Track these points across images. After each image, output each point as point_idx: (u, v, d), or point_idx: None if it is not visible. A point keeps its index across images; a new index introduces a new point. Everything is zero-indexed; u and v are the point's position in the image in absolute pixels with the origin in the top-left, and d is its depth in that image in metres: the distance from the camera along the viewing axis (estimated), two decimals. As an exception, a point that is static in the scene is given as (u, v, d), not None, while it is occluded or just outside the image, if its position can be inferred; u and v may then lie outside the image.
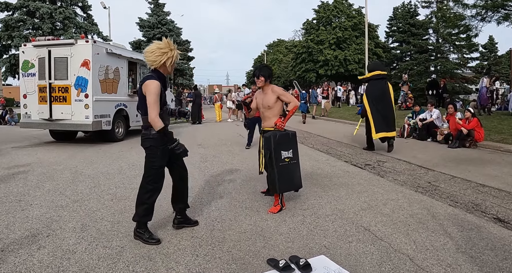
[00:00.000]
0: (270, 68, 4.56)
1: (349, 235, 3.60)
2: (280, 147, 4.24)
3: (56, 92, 9.77)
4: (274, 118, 4.35)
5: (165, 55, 3.38)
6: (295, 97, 9.88)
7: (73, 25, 25.53)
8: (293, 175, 4.34)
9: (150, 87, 3.28)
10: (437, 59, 34.51)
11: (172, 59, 3.44)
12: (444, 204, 4.53)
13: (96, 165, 7.17)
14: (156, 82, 3.29)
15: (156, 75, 3.41)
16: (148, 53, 3.40)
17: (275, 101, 4.34)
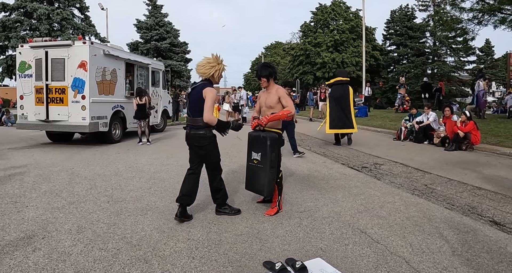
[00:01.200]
0: (272, 66, 4.47)
1: (346, 237, 3.60)
2: (251, 147, 4.33)
3: (53, 93, 9.74)
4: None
5: (213, 68, 4.01)
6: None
7: (71, 26, 25.52)
8: (256, 178, 4.28)
9: (211, 93, 3.92)
10: (434, 62, 34.69)
11: (219, 72, 4.07)
12: (441, 207, 4.55)
13: (92, 167, 7.15)
14: (214, 90, 3.98)
15: (211, 83, 4.08)
16: (199, 67, 4.04)
17: (277, 101, 4.30)
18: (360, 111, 19.58)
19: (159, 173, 6.59)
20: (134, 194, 5.18)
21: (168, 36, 35.42)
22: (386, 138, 11.79)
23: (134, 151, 9.37)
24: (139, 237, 3.62)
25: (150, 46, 34.68)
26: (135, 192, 5.31)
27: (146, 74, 13.03)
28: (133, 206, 4.64)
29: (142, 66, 12.72)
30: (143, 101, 10.43)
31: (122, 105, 11.16)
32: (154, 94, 13.48)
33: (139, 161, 7.84)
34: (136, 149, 9.75)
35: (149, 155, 8.58)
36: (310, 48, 38.37)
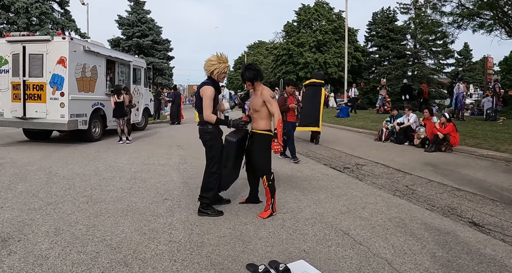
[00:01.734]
0: (255, 68, 4.31)
1: (329, 239, 3.61)
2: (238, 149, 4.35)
3: (31, 89, 9.47)
4: (262, 121, 4.23)
5: (213, 66, 4.10)
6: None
7: (50, 20, 24.94)
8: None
9: (207, 92, 4.06)
10: (414, 64, 35.34)
11: (219, 70, 4.12)
12: (421, 208, 4.61)
13: (71, 166, 6.98)
14: (211, 88, 4.07)
15: (211, 81, 4.16)
16: (205, 64, 4.19)
17: (261, 104, 4.18)
18: (342, 112, 19.76)
19: (140, 173, 6.47)
20: (114, 195, 5.07)
21: (150, 33, 35.02)
22: (367, 139, 11.92)
23: (114, 150, 9.19)
24: (119, 239, 3.54)
25: (132, 43, 34.21)
26: (115, 192, 5.20)
27: (127, 72, 12.82)
28: (113, 207, 4.54)
29: (123, 63, 12.50)
30: (121, 99, 10.24)
31: (102, 103, 10.94)
32: (136, 92, 13.28)
33: (119, 160, 7.69)
34: (117, 147, 9.57)
35: (129, 154, 8.44)
36: (293, 48, 38.52)
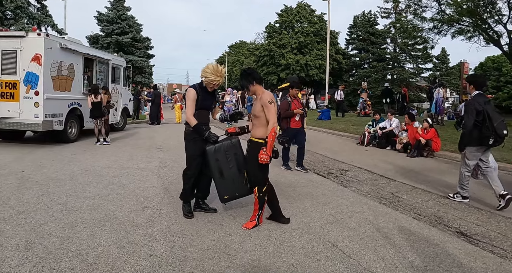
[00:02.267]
0: (247, 73, 4.10)
1: (317, 252, 3.48)
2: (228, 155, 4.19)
3: (3, 88, 9.04)
4: (260, 128, 3.96)
5: (205, 74, 4.14)
6: None
7: (25, 15, 24.10)
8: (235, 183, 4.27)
9: (188, 94, 4.20)
10: (394, 68, 35.84)
11: (208, 81, 4.14)
12: (409, 217, 4.54)
13: (45, 170, 6.65)
14: (192, 90, 4.17)
15: (199, 85, 4.25)
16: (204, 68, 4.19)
17: (260, 109, 3.93)
18: (323, 114, 19.77)
19: (118, 178, 6.22)
20: (90, 202, 4.81)
21: (130, 30, 34.37)
22: (349, 143, 11.91)
23: (91, 151, 8.86)
24: (95, 253, 3.32)
25: (111, 40, 33.50)
26: (91, 199, 4.94)
27: (106, 70, 12.43)
28: (89, 216, 4.30)
29: (101, 62, 12.11)
30: (98, 99, 9.90)
31: (79, 102, 10.55)
32: (114, 91, 12.89)
33: (96, 163, 7.39)
34: (94, 149, 9.23)
35: (107, 157, 8.13)
36: (274, 49, 38.47)
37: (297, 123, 7.23)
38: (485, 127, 4.86)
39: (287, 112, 7.07)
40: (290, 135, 7.14)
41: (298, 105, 7.28)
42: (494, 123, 4.85)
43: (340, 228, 4.11)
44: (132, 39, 34.27)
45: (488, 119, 4.85)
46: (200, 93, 4.18)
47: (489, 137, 4.86)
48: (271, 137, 3.81)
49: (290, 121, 7.16)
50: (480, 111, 4.89)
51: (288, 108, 7.10)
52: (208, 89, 4.24)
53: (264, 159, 3.80)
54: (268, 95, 3.97)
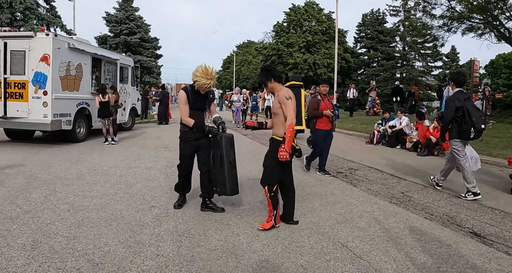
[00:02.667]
0: (265, 69, 4.01)
1: (327, 252, 3.40)
2: (229, 149, 4.18)
3: (12, 88, 9.09)
4: (278, 126, 3.86)
5: (195, 78, 4.14)
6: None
7: (35, 16, 24.25)
8: (236, 178, 4.32)
9: (179, 96, 4.31)
10: (403, 66, 35.46)
11: (198, 84, 4.15)
12: (420, 217, 4.44)
13: (53, 169, 6.65)
14: (183, 93, 4.26)
15: (191, 86, 4.31)
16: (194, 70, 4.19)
17: (278, 106, 3.83)
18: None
19: (125, 177, 6.19)
20: (97, 202, 4.79)
21: (138, 30, 34.44)
22: (358, 142, 11.79)
23: (99, 151, 8.87)
24: (102, 253, 3.28)
25: (119, 40, 33.62)
26: (98, 199, 4.92)
27: (114, 70, 12.46)
28: (96, 215, 4.27)
29: (110, 62, 12.14)
30: (106, 99, 9.92)
31: (87, 102, 10.58)
32: (122, 91, 12.92)
33: (104, 163, 7.38)
34: (102, 149, 9.24)
35: (115, 156, 8.13)
36: (282, 48, 38.31)
37: (326, 124, 6.58)
38: (464, 122, 5.16)
39: (315, 112, 6.54)
40: (318, 137, 6.67)
41: (329, 104, 6.63)
42: (473, 118, 5.12)
43: (350, 228, 4.02)
44: (140, 39, 34.36)
45: (468, 115, 5.13)
46: (191, 95, 4.25)
47: (469, 131, 5.16)
48: (288, 133, 3.66)
49: (317, 121, 6.59)
50: (459, 107, 5.17)
51: (317, 107, 6.54)
52: (200, 92, 4.29)
53: (284, 156, 3.65)
54: (285, 91, 3.87)
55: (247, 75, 52.21)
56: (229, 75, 62.03)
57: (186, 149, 4.42)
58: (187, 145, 4.39)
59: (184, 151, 4.45)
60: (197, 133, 4.31)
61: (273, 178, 3.93)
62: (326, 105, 6.56)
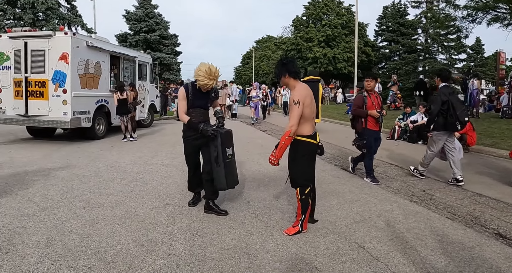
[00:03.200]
0: (284, 63, 3.67)
1: (342, 253, 3.29)
2: (224, 145, 4.10)
3: (33, 86, 9.25)
4: (300, 125, 3.56)
5: (198, 77, 4.02)
6: None
7: (56, 16, 24.75)
8: (235, 170, 4.32)
9: (179, 93, 4.25)
10: (425, 59, 34.66)
11: (200, 84, 4.04)
12: (442, 217, 4.26)
13: (71, 166, 6.73)
14: (182, 90, 4.20)
15: (192, 83, 4.20)
16: (198, 66, 4.06)
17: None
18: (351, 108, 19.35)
19: (142, 174, 6.21)
20: (113, 199, 4.80)
21: (158, 28, 34.71)
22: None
23: (117, 148, 8.95)
24: (114, 252, 3.26)
25: (139, 38, 33.96)
26: (114, 196, 4.93)
27: (132, 67, 12.55)
28: (111, 213, 4.27)
29: (128, 59, 12.23)
30: (124, 96, 9.99)
31: (106, 100, 10.69)
32: (141, 88, 13.01)
33: (121, 160, 7.43)
34: (120, 146, 9.33)
35: (133, 153, 8.18)
36: (301, 42, 37.97)
37: (373, 124, 5.74)
38: (449, 115, 5.47)
39: (358, 110, 5.71)
40: (369, 138, 5.74)
41: (376, 103, 5.71)
42: (457, 112, 5.45)
43: (368, 228, 3.89)
44: (159, 36, 34.62)
45: (452, 108, 5.44)
46: (191, 93, 4.15)
47: (454, 123, 5.49)
48: (283, 140, 3.48)
49: (367, 120, 5.72)
50: (445, 101, 5.49)
51: (363, 105, 5.68)
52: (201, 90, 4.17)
53: (272, 161, 3.55)
54: (298, 93, 3.54)
55: (267, 70, 52.00)
56: (248, 71, 61.93)
57: (187, 148, 4.37)
58: (188, 144, 4.34)
59: (186, 150, 4.41)
60: (196, 132, 4.16)
61: (303, 179, 3.69)
62: (373, 103, 5.68)
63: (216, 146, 4.09)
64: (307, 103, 3.53)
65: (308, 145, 3.63)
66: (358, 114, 5.75)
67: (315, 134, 3.73)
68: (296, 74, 3.64)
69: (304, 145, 3.63)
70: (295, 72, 3.64)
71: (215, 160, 4.10)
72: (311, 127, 3.66)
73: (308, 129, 3.62)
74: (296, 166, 3.69)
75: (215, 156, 4.10)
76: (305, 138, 3.62)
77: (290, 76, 3.64)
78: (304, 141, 3.62)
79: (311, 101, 3.62)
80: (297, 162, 3.66)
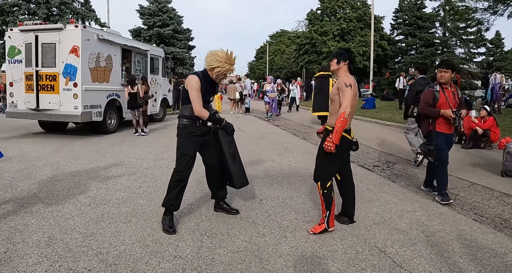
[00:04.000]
0: (349, 51, 3.72)
1: (362, 258, 3.03)
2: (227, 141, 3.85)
3: (44, 80, 9.16)
4: (333, 115, 3.48)
5: (216, 63, 3.50)
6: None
7: (70, 10, 24.82)
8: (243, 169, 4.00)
9: (191, 82, 3.49)
10: (443, 53, 33.79)
11: (221, 70, 3.53)
12: (468, 219, 3.96)
13: (81, 161, 6.59)
14: (196, 78, 3.50)
15: (203, 73, 3.61)
16: (208, 54, 3.58)
17: (336, 93, 3.47)
18: (367, 103, 18.93)
19: (151, 170, 6.02)
20: (120, 195, 4.62)
21: (171, 22, 34.57)
22: (396, 133, 11.14)
23: (128, 142, 8.80)
24: (117, 253, 3.07)
25: (152, 33, 33.88)
26: (121, 192, 4.75)
27: (144, 61, 12.39)
28: (117, 210, 4.09)
29: (140, 53, 12.07)
30: (134, 90, 9.84)
31: (117, 94, 10.56)
32: (153, 82, 12.86)
33: (132, 154, 7.27)
34: (131, 140, 9.18)
35: (143, 148, 8.02)
36: (316, 36, 37.44)
37: (447, 125, 4.53)
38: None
39: (427, 109, 4.55)
40: (441, 143, 4.50)
41: (452, 99, 4.50)
42: None
43: (389, 230, 3.62)
44: (173, 31, 34.48)
45: None
46: (203, 84, 3.54)
47: None
48: (339, 122, 3.26)
49: (436, 120, 4.54)
50: (418, 91, 5.81)
51: (432, 103, 4.52)
52: (214, 80, 3.66)
53: (328, 147, 3.29)
54: (347, 77, 3.45)
55: (280, 64, 51.56)
56: (262, 65, 61.55)
57: (188, 148, 3.58)
58: (190, 142, 3.58)
59: (184, 149, 3.58)
60: (203, 127, 3.68)
61: (326, 173, 3.54)
62: (447, 100, 4.49)
63: (231, 141, 3.86)
64: (355, 92, 3.41)
65: (341, 138, 3.38)
66: (428, 114, 4.58)
67: (350, 129, 3.56)
68: (353, 65, 3.63)
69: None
70: (353, 63, 3.66)
71: (231, 157, 3.83)
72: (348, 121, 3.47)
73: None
74: (323, 157, 3.52)
75: (232, 152, 3.84)
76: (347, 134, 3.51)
77: (349, 65, 3.58)
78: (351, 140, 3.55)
79: (355, 95, 3.44)
80: (325, 153, 3.44)
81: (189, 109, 3.56)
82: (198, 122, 3.61)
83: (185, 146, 3.59)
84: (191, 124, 3.59)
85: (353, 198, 3.84)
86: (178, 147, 3.62)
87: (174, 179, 3.62)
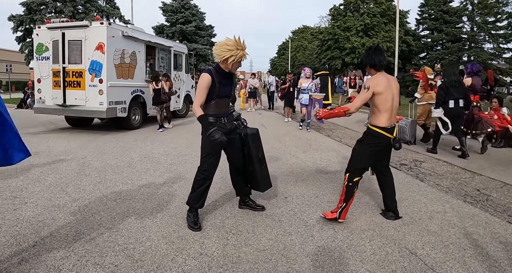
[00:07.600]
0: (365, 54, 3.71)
1: (392, 260, 2.93)
2: (256, 145, 3.84)
3: (70, 76, 9.32)
4: (375, 114, 3.57)
5: (229, 52, 3.38)
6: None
7: (95, 8, 25.27)
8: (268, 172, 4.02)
9: (200, 79, 3.42)
10: (470, 49, 32.76)
11: (235, 58, 3.41)
12: (503, 221, 3.79)
13: (106, 156, 6.68)
14: (206, 75, 3.39)
15: (215, 68, 3.50)
16: (215, 46, 3.48)
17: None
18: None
19: (175, 166, 6.05)
20: (145, 191, 4.65)
21: (193, 19, 34.78)
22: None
23: (152, 138, 8.88)
24: (143, 248, 3.07)
25: (175, 29, 34.17)
26: (146, 188, 4.78)
27: (168, 57, 12.47)
28: (142, 206, 4.11)
29: (163, 49, 12.15)
30: (159, 86, 9.91)
31: (142, 90, 10.66)
32: (176, 78, 12.94)
33: (156, 150, 7.32)
34: (155, 136, 9.26)
35: (167, 144, 8.07)
36: (339, 32, 36.87)
37: None
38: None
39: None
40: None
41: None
42: None
43: (419, 231, 3.50)
44: (195, 27, 34.69)
45: None
46: (217, 79, 3.40)
47: None
48: (337, 109, 3.62)
49: None
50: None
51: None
52: (231, 71, 3.52)
53: (316, 113, 3.72)
54: (371, 80, 3.55)
55: (303, 61, 51.12)
56: (284, 62, 61.21)
57: (213, 146, 3.43)
58: (210, 142, 3.36)
59: (210, 149, 3.48)
60: (228, 124, 3.57)
61: (356, 167, 3.60)
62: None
63: (259, 146, 3.85)
64: (378, 91, 3.46)
65: (379, 137, 3.53)
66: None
67: (392, 128, 3.56)
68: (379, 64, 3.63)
69: (375, 135, 3.56)
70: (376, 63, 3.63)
71: (258, 161, 3.81)
72: (388, 120, 3.53)
73: (383, 121, 3.52)
74: (357, 151, 3.66)
75: (259, 156, 3.83)
76: (379, 129, 3.54)
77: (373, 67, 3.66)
78: (375, 132, 3.55)
79: (386, 91, 3.47)
80: (360, 148, 3.64)
81: (212, 106, 3.48)
82: (223, 119, 3.54)
83: (208, 145, 3.49)
84: (216, 121, 3.48)
85: (393, 190, 3.88)
86: (203, 145, 3.56)
87: (199, 178, 3.59)
